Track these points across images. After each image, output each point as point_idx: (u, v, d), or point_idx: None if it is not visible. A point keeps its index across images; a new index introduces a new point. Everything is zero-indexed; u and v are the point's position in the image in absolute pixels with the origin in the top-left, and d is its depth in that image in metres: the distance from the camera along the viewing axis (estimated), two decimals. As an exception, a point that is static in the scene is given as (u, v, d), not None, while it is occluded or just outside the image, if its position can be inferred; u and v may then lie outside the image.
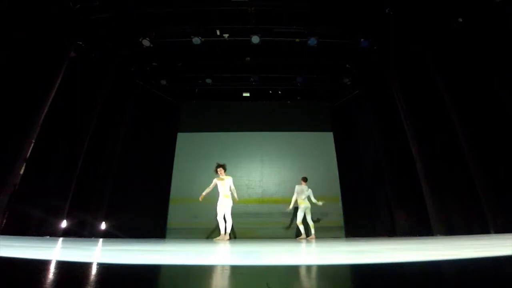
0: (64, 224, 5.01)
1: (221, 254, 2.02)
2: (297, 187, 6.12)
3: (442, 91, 4.99)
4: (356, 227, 6.58)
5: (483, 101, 4.42)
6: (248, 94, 8.04)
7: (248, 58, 6.62)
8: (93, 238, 4.96)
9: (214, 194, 5.43)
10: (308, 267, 1.31)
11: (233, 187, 5.41)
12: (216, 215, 5.33)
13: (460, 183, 4.76)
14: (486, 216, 4.24)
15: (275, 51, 6.27)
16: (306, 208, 5.95)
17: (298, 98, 8.23)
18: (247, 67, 6.98)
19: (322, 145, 7.64)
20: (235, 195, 5.40)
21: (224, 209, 5.23)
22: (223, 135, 7.75)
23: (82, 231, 5.30)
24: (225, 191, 5.32)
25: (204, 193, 5.37)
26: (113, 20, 5.18)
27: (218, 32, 5.66)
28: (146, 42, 5.61)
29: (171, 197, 7.07)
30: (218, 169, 5.43)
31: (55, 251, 2.03)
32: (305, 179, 6.18)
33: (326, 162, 7.44)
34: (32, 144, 4.55)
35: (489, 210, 4.23)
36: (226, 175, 5.45)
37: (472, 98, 4.56)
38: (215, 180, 5.43)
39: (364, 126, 7.16)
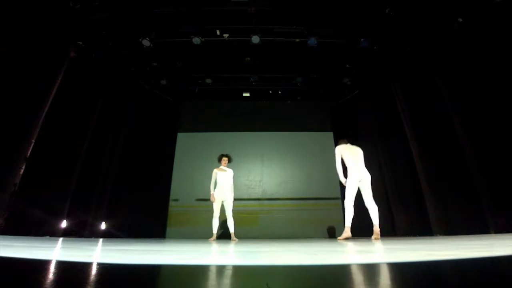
0: (64, 224, 5.02)
1: (221, 254, 2.02)
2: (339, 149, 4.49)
3: (442, 91, 5.00)
4: (356, 227, 6.58)
5: (484, 101, 4.43)
6: (248, 94, 8.03)
7: (248, 58, 6.61)
8: (93, 238, 4.96)
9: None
10: (308, 267, 1.31)
11: (231, 182, 5.11)
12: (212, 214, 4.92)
13: (460, 183, 4.76)
14: (486, 216, 4.24)
15: (275, 51, 6.26)
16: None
17: (298, 98, 8.22)
18: (247, 67, 6.97)
19: (322, 145, 7.63)
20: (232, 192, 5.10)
21: (226, 205, 4.98)
22: (223, 135, 7.75)
23: (82, 231, 5.31)
24: (228, 185, 5.06)
25: (212, 192, 4.99)
26: (113, 20, 5.18)
27: (218, 32, 5.66)
28: (146, 42, 5.61)
29: (171, 197, 7.07)
30: (223, 159, 5.19)
31: (55, 251, 2.03)
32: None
33: (326, 162, 7.43)
34: (32, 144, 4.55)
35: (489, 210, 4.23)
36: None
37: (473, 98, 4.57)
38: (216, 171, 5.12)
39: (364, 126, 7.16)
